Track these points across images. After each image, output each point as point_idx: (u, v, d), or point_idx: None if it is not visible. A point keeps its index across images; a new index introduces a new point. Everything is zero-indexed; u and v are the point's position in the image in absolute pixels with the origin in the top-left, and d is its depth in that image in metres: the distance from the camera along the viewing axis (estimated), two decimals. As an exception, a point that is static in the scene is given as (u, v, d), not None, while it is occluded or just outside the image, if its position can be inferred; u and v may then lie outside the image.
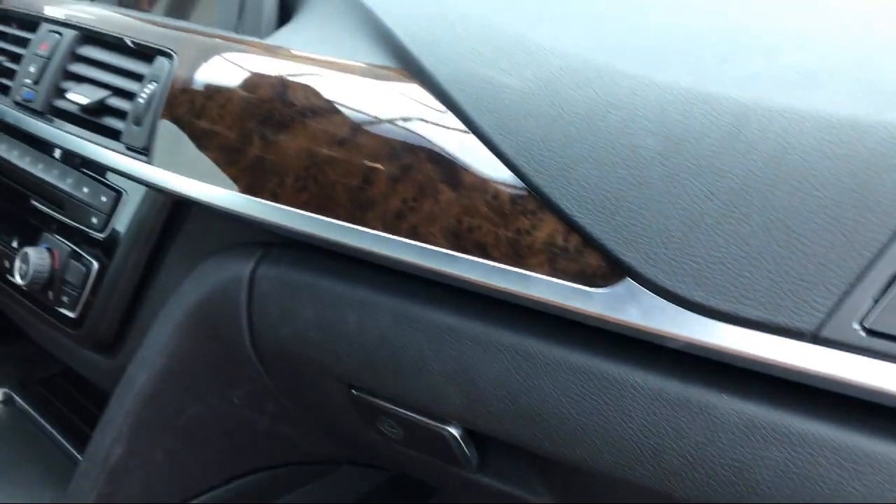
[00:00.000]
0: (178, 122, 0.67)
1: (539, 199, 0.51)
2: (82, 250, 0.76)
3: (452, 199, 0.54)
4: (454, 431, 0.60)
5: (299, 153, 0.60)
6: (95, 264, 0.75)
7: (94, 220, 0.75)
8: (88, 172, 0.77)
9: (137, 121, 0.70)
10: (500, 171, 0.52)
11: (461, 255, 0.53)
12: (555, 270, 0.50)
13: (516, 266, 0.51)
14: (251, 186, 0.62)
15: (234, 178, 0.63)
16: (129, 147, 0.71)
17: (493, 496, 0.65)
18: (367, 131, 0.58)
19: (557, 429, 0.52)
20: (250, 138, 0.63)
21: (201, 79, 0.68)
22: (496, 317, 0.54)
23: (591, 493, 0.60)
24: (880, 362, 0.40)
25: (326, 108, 0.60)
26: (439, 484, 0.86)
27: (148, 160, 0.69)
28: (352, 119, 0.59)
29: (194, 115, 0.66)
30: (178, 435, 0.74)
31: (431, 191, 0.54)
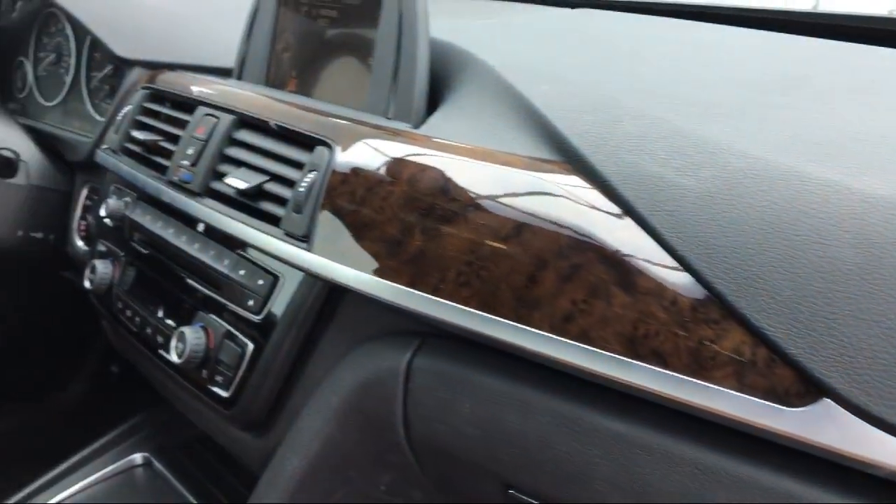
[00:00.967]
0: (338, 211, 0.69)
1: (723, 307, 0.48)
2: (237, 331, 0.78)
3: (627, 302, 0.52)
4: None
5: (462, 248, 0.60)
6: (250, 345, 0.76)
7: (251, 303, 0.76)
8: (245, 255, 0.79)
9: (297, 208, 0.72)
10: (678, 276, 0.51)
11: (636, 363, 0.51)
12: (742, 385, 0.47)
13: (698, 377, 0.49)
14: (412, 279, 0.62)
15: (394, 270, 0.63)
16: (287, 233, 0.73)
17: None
18: (533, 228, 0.57)
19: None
20: (412, 231, 0.63)
21: (361, 169, 0.69)
22: (671, 427, 0.52)
23: None
24: None
25: (489, 203, 0.60)
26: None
27: (308, 248, 0.70)
28: (516, 215, 0.58)
29: (355, 205, 0.67)
30: (324, 519, 0.74)
31: (603, 293, 0.53)
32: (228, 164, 0.84)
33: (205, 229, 0.85)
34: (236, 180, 0.79)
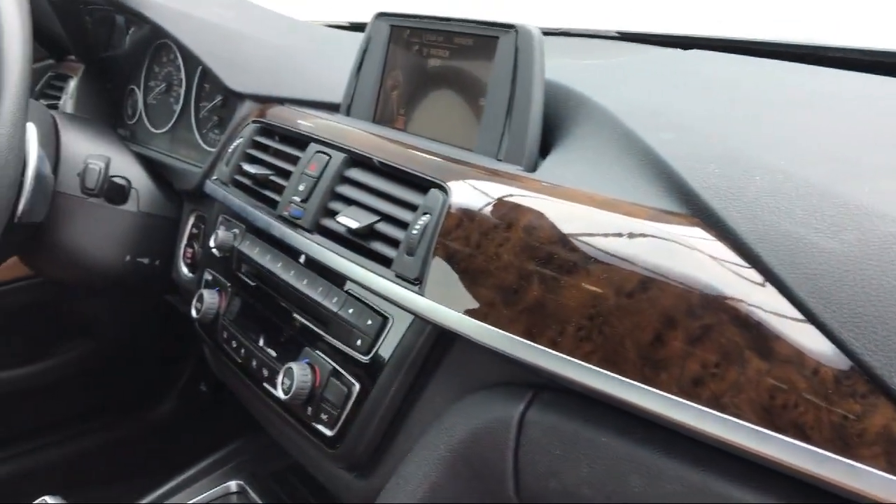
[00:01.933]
0: (451, 256, 0.68)
1: (871, 381, 0.46)
2: (344, 370, 0.78)
3: (763, 369, 0.49)
4: None
5: (583, 301, 0.58)
6: (357, 386, 0.76)
7: (359, 342, 0.76)
8: (353, 294, 0.79)
9: (410, 251, 0.71)
10: (819, 344, 0.48)
11: (773, 434, 0.49)
12: (892, 466, 0.44)
13: (843, 455, 0.46)
14: (529, 330, 0.61)
15: (510, 319, 0.62)
16: (398, 275, 0.72)
17: None
18: (660, 283, 0.55)
19: None
20: (529, 280, 0.62)
21: (476, 214, 0.68)
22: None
23: None
24: None
25: (613, 255, 0.58)
26: None
27: (419, 291, 0.69)
28: (642, 269, 0.56)
29: (469, 250, 0.67)
30: (425, 565, 0.73)
31: (737, 358, 0.51)
32: (339, 202, 0.84)
33: (313, 266, 0.85)
34: (348, 219, 0.79)
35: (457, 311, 0.66)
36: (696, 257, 0.55)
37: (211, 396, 2.01)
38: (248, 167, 0.98)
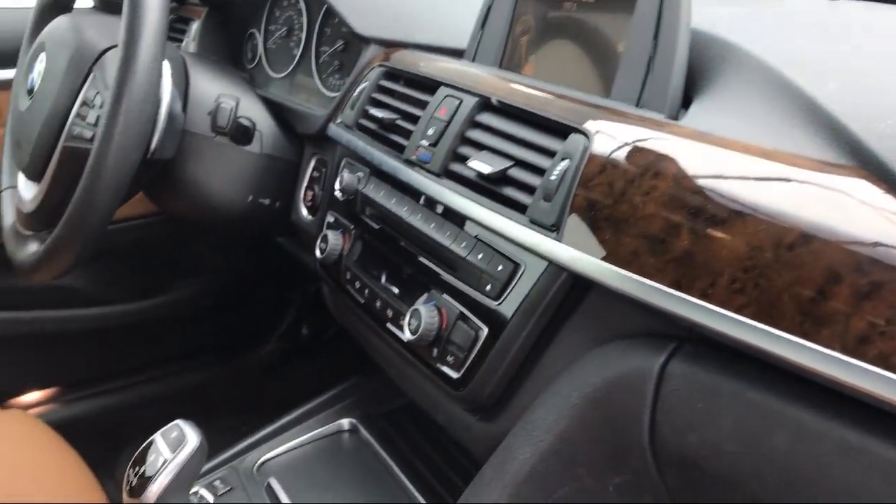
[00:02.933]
0: (592, 203, 0.67)
1: None
2: (472, 314, 0.78)
3: (940, 330, 0.47)
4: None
5: (738, 253, 0.56)
6: (485, 330, 0.76)
7: (489, 288, 0.76)
8: (483, 239, 0.79)
9: (547, 196, 0.70)
10: None
11: (949, 397, 0.46)
12: None
13: None
14: (677, 280, 0.59)
15: (656, 269, 0.61)
16: (533, 221, 0.72)
17: None
18: (825, 238, 0.52)
19: None
20: (678, 231, 0.60)
21: (621, 161, 0.66)
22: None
23: None
24: None
25: (773, 207, 0.56)
26: None
27: (556, 238, 0.69)
28: (804, 222, 0.54)
29: (612, 198, 0.65)
30: (546, 511, 0.73)
31: (911, 317, 0.48)
32: (469, 147, 0.84)
33: (440, 210, 0.85)
34: (480, 164, 0.78)
35: (596, 258, 0.65)
36: (865, 211, 0.52)
37: (311, 341, 2.07)
38: (374, 111, 0.98)
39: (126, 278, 1.78)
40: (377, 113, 0.97)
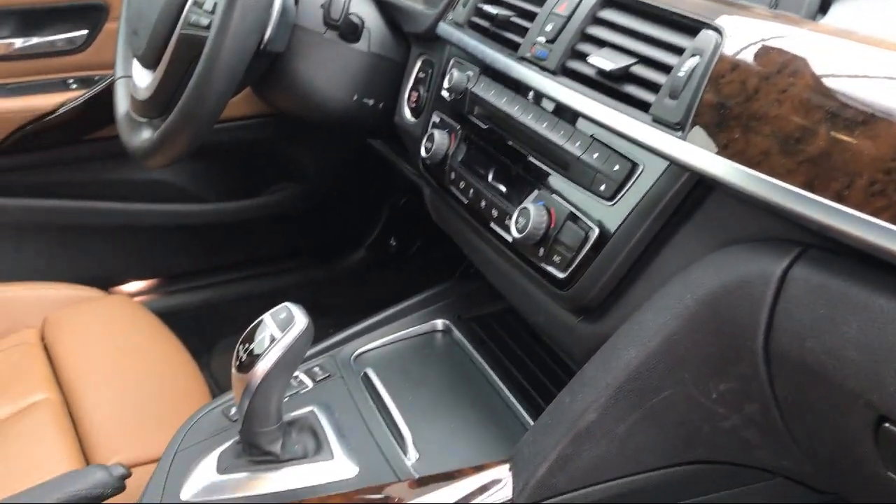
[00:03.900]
0: (723, 101, 0.64)
1: None
2: (582, 214, 0.77)
3: None
4: None
5: (880, 153, 0.54)
6: (595, 230, 0.75)
7: (602, 188, 0.75)
8: (598, 138, 0.77)
9: (673, 94, 0.68)
10: None
11: None
12: None
13: None
14: (809, 182, 0.57)
15: (787, 169, 0.58)
16: (656, 119, 0.70)
17: None
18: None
19: None
20: (814, 131, 0.58)
21: (755, 60, 0.64)
22: None
23: None
24: None
25: (920, 108, 0.53)
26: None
27: (682, 136, 0.67)
28: (957, 124, 0.51)
29: (745, 96, 0.63)
30: (645, 413, 0.73)
31: None
32: (589, 44, 0.81)
33: (554, 108, 0.84)
34: (601, 60, 0.76)
35: (723, 157, 0.63)
36: None
37: (398, 252, 2.09)
38: (487, 8, 0.96)
39: (224, 178, 1.82)
40: (491, 10, 0.95)
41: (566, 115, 0.82)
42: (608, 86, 0.77)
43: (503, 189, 0.89)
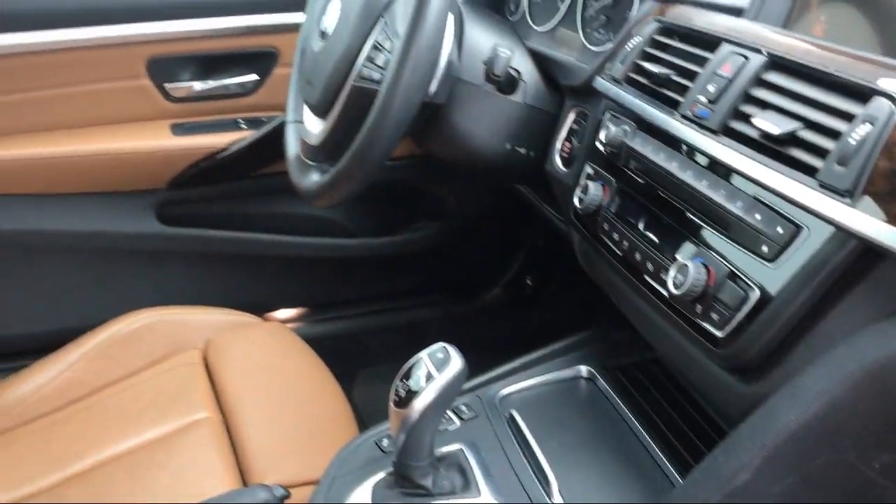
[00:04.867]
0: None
1: None
2: (742, 274, 0.78)
3: None
4: None
5: None
6: (756, 292, 0.76)
7: (765, 249, 0.76)
8: (761, 199, 0.78)
9: (842, 161, 0.68)
10: None
11: None
12: None
13: None
14: None
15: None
16: (823, 185, 0.70)
17: None
18: None
19: None
20: None
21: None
22: None
23: None
24: None
25: None
26: None
27: (850, 203, 0.67)
28: None
29: (921, 166, 0.63)
30: (803, 477, 0.72)
31: None
32: (752, 106, 0.82)
33: (710, 166, 0.85)
34: (766, 123, 0.77)
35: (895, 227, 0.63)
36: None
37: (534, 292, 2.12)
38: (647, 65, 0.98)
39: (372, 214, 1.91)
40: (651, 67, 0.97)
41: (724, 173, 0.83)
42: (772, 148, 0.77)
43: (657, 242, 0.91)
